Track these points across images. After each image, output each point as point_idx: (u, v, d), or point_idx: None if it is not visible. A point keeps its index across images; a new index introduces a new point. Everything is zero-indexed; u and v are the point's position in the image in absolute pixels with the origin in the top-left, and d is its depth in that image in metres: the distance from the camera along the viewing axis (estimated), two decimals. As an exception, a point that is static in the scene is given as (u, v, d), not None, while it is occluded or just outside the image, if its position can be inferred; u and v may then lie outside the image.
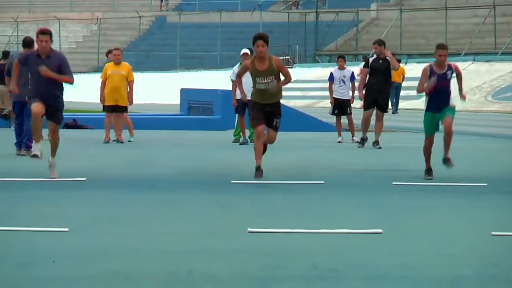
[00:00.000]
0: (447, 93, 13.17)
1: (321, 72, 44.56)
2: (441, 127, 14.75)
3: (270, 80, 14.91)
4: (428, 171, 14.76)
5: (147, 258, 8.52)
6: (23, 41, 19.76)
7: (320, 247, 9.27)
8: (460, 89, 14.25)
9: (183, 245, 9.23)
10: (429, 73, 13.59)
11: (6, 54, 24.59)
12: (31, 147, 19.84)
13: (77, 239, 9.32)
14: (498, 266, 8.29)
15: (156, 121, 27.62)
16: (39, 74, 13.52)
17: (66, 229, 9.77)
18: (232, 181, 14.33)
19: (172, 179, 15.08)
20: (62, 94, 14.43)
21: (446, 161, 14.58)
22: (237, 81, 15.54)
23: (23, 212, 11.26)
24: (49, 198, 12.49)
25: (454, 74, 14.53)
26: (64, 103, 14.80)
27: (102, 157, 18.55)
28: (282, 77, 15.46)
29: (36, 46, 17.83)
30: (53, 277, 7.63)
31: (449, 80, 12.71)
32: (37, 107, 13.62)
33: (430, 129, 14.43)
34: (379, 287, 6.05)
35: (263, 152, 15.12)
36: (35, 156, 14.27)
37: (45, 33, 13.68)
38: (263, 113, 14.87)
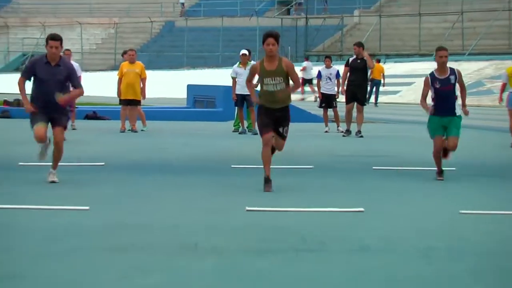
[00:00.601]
0: (452, 96, 11.47)
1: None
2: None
3: (278, 82, 12.02)
4: (439, 173, 12.87)
5: (159, 232, 8.63)
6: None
7: (309, 223, 9.37)
8: (464, 104, 12.16)
9: (190, 221, 9.34)
10: (431, 80, 11.73)
11: None
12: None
13: (97, 216, 9.40)
14: (465, 240, 8.43)
15: (166, 113, 27.53)
16: (46, 82, 11.16)
17: (87, 207, 9.81)
18: (232, 166, 14.40)
19: (179, 164, 15.10)
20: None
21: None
22: (247, 85, 12.77)
23: (48, 193, 11.25)
24: (72, 181, 12.48)
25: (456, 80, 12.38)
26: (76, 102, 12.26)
27: (119, 144, 18.53)
28: (291, 83, 12.53)
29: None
30: (75, 249, 7.66)
31: (453, 84, 11.12)
32: (39, 132, 11.22)
33: (437, 131, 12.39)
34: (361, 258, 6.04)
35: (272, 153, 12.35)
36: (53, 181, 11.76)
37: (55, 38, 11.00)
38: (272, 119, 12.01)
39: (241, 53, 22.04)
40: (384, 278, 6.59)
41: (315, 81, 27.49)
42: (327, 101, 23.25)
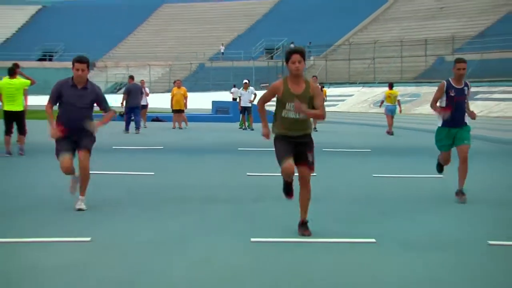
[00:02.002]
0: (464, 108, 7.88)
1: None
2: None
3: None
4: (460, 193, 7.85)
5: (195, 189, 8.60)
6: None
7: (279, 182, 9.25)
8: (468, 108, 8.07)
9: (211, 181, 9.30)
10: (446, 87, 7.89)
11: (132, 77, 21.04)
12: (137, 128, 19.17)
13: (159, 179, 9.37)
14: (373, 199, 8.26)
15: (199, 117, 27.60)
16: (72, 105, 6.96)
17: (152, 173, 9.82)
18: (239, 148, 14.25)
19: (207, 147, 15.02)
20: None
21: (459, 194, 7.72)
22: (259, 108, 6.31)
23: (127, 165, 11.23)
24: (143, 157, 12.54)
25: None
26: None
27: (171, 136, 18.50)
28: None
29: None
30: (142, 201, 7.66)
31: (466, 96, 7.86)
32: (65, 163, 6.90)
33: (446, 145, 8.11)
34: (315, 204, 5.98)
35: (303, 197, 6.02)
36: (80, 209, 6.86)
37: (82, 61, 7.07)
38: (291, 146, 6.05)
39: (244, 82, 22.44)
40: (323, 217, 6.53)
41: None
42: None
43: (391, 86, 19.98)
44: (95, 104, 7.05)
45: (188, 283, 4.33)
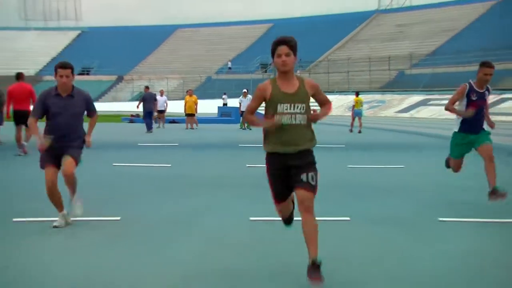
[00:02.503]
0: (483, 113, 6.05)
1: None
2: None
3: (299, 111, 3.51)
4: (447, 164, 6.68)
5: (204, 177, 8.54)
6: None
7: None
8: (488, 116, 6.18)
9: (216, 171, 9.21)
10: (468, 90, 5.97)
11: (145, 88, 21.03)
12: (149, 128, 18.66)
13: (175, 170, 9.28)
14: (348, 185, 8.06)
15: (207, 120, 27.39)
16: (59, 116, 5.10)
17: (170, 165, 9.78)
18: (239, 145, 14.19)
19: (213, 143, 14.87)
20: (82, 134, 5.38)
21: (494, 193, 5.87)
22: (249, 120, 3.57)
23: (148, 157, 11.12)
24: (162, 152, 12.46)
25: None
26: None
27: (185, 135, 18.45)
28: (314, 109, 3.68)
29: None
30: (161, 187, 7.62)
31: (486, 101, 6.04)
32: (49, 175, 5.04)
33: (460, 151, 6.32)
34: None
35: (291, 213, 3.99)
36: (55, 227, 5.06)
37: (65, 67, 5.10)
38: (285, 175, 3.53)
39: (243, 91, 22.39)
40: None
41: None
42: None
43: (357, 94, 20.00)
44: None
45: (200, 254, 4.32)
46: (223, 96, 28.37)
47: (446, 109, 6.06)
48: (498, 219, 5.54)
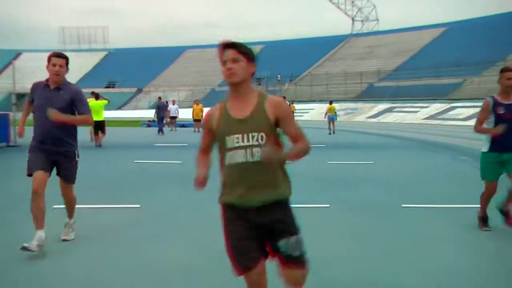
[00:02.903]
0: None
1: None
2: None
3: (256, 143, 1.78)
4: (483, 219, 4.30)
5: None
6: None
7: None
8: None
9: (217, 169, 9.11)
10: (493, 105, 3.96)
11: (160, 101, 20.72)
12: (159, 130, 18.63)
13: (185, 166, 9.06)
14: (328, 178, 7.93)
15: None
16: (41, 108, 3.46)
17: (180, 162, 9.70)
18: None
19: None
20: (75, 140, 3.67)
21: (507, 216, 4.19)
22: (196, 160, 2.14)
23: (162, 156, 10.98)
24: (174, 151, 12.35)
25: None
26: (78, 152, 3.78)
27: (193, 137, 18.31)
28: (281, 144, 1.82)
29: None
30: (173, 180, 7.55)
31: None
32: (36, 181, 3.40)
33: (493, 173, 4.09)
34: None
35: None
36: (24, 248, 3.28)
37: (60, 56, 3.42)
38: (252, 235, 1.73)
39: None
40: None
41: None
42: None
43: (331, 102, 20.70)
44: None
45: (204, 235, 4.32)
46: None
47: (476, 131, 4.24)
48: (447, 205, 5.56)
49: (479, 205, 4.46)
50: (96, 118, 12.09)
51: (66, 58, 3.69)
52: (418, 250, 3.86)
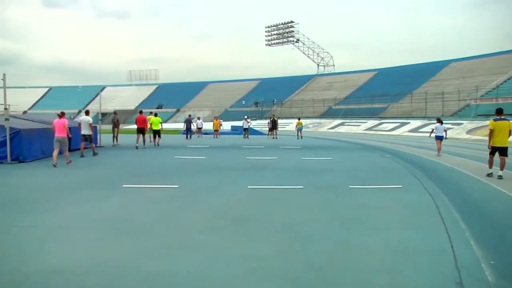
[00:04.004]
0: None
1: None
2: None
3: None
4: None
5: (222, 164, 8.12)
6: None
7: (269, 161, 8.41)
8: None
9: (229, 161, 8.79)
10: None
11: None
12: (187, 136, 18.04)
13: (207, 160, 8.92)
14: (302, 168, 7.69)
15: (225, 133, 26.48)
16: None
17: (204, 157, 9.55)
18: (243, 146, 13.79)
19: (226, 146, 14.16)
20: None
21: None
22: None
23: (192, 153, 10.64)
24: (200, 151, 12.10)
25: None
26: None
27: (213, 141, 18.01)
28: None
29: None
30: (200, 169, 7.48)
31: None
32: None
33: None
34: (272, 172, 5.70)
35: None
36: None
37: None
38: None
39: (245, 116, 21.96)
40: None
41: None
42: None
43: (299, 118, 21.11)
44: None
45: (220, 206, 4.31)
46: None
47: None
48: (378, 186, 5.54)
49: (398, 186, 5.06)
50: (155, 128, 13.38)
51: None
52: (360, 215, 3.92)
